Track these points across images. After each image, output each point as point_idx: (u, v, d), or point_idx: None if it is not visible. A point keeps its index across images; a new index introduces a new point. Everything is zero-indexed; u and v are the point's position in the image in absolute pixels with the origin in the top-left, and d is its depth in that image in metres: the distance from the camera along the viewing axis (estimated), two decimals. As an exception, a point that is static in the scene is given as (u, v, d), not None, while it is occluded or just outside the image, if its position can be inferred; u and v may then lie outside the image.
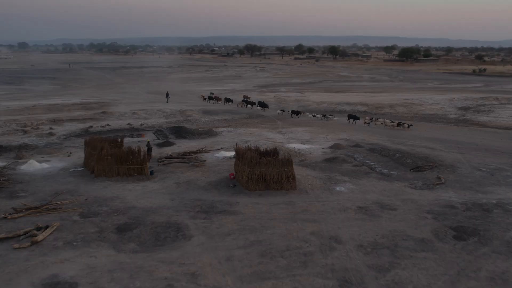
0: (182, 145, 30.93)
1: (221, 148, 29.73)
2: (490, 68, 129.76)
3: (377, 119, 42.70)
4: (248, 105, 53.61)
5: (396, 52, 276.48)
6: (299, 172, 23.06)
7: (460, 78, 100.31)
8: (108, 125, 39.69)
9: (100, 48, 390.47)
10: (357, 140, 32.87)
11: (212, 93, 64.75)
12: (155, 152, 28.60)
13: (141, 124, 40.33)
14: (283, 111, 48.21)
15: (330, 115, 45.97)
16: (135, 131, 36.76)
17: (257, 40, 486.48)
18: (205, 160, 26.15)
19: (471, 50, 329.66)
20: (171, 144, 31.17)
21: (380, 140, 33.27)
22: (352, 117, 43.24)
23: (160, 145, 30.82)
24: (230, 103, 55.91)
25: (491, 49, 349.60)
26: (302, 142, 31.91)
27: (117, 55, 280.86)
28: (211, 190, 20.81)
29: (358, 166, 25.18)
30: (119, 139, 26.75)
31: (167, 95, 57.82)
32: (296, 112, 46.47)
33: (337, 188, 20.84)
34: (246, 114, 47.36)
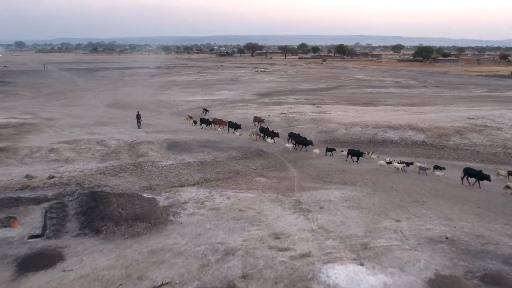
0: (77, 266, 13.16)
1: (162, 285, 11.99)
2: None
3: None
4: (266, 137, 31.92)
5: (404, 51, 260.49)
6: None
7: (504, 83, 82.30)
8: (-12, 179, 22.02)
9: (96, 47, 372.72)
10: (472, 240, 14.99)
11: (207, 111, 46.06)
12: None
13: (50, 177, 22.57)
14: (332, 150, 28.21)
15: (438, 166, 23.66)
16: (13, 205, 18.79)
17: (258, 39, 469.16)
18: None
19: (480, 50, 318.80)
20: (48, 263, 13.34)
21: (516, 237, 15.41)
22: (476, 175, 21.69)
23: (21, 267, 13.07)
24: (236, 130, 35.01)
25: (498, 48, 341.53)
26: (354, 253, 13.91)
27: (111, 55, 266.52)
28: None
29: None
30: None
31: (138, 117, 36.49)
32: (356, 154, 26.57)
33: None
34: (238, 150, 29.41)
